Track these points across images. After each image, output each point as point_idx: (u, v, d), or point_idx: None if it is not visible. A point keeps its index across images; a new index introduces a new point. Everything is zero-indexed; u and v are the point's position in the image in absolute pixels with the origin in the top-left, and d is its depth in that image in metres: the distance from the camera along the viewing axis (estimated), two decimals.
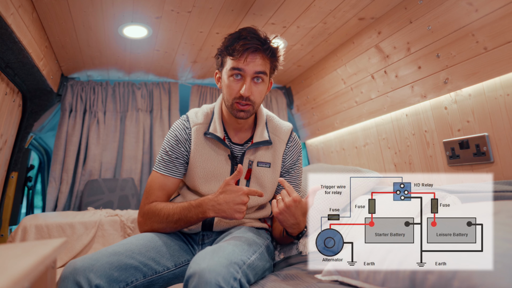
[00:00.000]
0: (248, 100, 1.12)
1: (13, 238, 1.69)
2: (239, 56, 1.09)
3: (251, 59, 1.10)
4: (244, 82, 1.12)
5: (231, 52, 1.10)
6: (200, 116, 1.26)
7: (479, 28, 1.23)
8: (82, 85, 2.44)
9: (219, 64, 1.20)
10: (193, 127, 1.22)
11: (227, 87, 1.15)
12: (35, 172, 2.81)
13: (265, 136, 1.24)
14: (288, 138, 1.30)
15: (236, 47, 1.09)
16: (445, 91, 1.43)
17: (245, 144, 1.25)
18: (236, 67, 1.11)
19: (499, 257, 0.57)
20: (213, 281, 0.76)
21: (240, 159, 1.23)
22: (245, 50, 1.08)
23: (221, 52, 1.16)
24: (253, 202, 1.23)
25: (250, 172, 1.23)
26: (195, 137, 1.21)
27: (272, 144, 1.26)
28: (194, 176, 1.21)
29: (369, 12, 1.64)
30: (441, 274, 0.61)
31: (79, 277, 0.84)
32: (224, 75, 1.17)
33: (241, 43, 1.09)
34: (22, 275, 0.43)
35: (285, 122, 1.34)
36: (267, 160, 1.25)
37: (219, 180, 1.21)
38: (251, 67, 1.11)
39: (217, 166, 1.21)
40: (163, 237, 1.13)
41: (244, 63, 1.10)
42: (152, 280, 1.00)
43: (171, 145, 1.22)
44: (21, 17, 1.32)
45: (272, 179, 1.26)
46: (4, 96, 1.56)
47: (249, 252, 0.98)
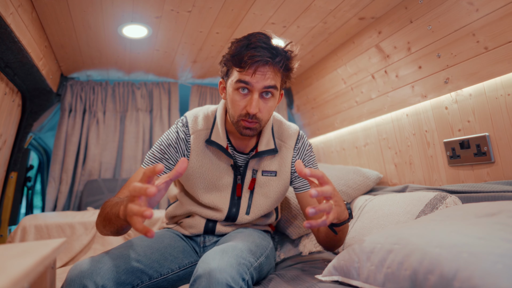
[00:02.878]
0: (254, 118, 0.99)
1: (13, 238, 1.69)
2: (247, 69, 0.95)
3: (260, 72, 0.96)
4: (252, 98, 0.98)
5: (238, 63, 0.96)
6: (201, 121, 1.14)
7: (480, 28, 1.23)
8: (82, 85, 2.44)
9: (224, 72, 1.05)
10: (193, 134, 1.12)
11: (232, 102, 1.02)
12: (35, 172, 2.81)
13: (271, 144, 1.14)
14: (295, 143, 1.19)
15: (243, 58, 0.94)
16: (445, 91, 1.42)
17: (250, 153, 1.15)
18: (243, 80, 0.97)
19: (499, 257, 0.57)
20: (223, 281, 0.76)
21: (244, 168, 1.14)
22: (254, 63, 0.94)
23: (227, 61, 1.02)
24: (257, 212, 1.17)
25: (254, 182, 1.15)
26: (195, 145, 1.11)
27: (278, 152, 1.16)
28: (194, 186, 1.13)
29: (370, 11, 1.64)
30: (442, 274, 0.61)
31: (86, 280, 0.83)
32: (229, 87, 1.03)
33: (249, 53, 0.94)
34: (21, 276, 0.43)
35: (292, 125, 1.23)
36: (272, 168, 1.16)
37: (221, 191, 1.14)
38: (260, 82, 0.96)
39: (219, 176, 1.12)
40: (166, 239, 1.12)
41: (252, 77, 0.95)
42: (157, 282, 0.99)
43: (166, 146, 1.10)
44: (20, 16, 1.32)
45: (277, 189, 1.17)
46: (3, 96, 1.56)
47: (256, 254, 0.98)
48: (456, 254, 0.62)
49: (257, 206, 1.16)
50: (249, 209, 1.16)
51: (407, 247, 0.72)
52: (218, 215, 1.16)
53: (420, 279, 0.65)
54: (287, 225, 1.48)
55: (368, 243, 0.83)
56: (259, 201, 1.17)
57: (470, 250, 0.62)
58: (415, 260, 0.68)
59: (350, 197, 1.59)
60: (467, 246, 0.63)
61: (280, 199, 1.22)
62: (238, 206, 1.16)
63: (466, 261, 0.59)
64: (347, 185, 1.59)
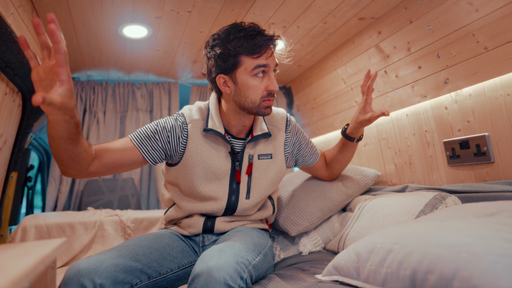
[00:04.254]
0: (272, 95, 1.10)
1: (13, 238, 1.69)
2: (263, 52, 1.05)
3: (270, 52, 1.08)
4: (270, 77, 1.08)
5: (252, 50, 1.04)
6: (195, 112, 1.18)
7: (480, 28, 1.23)
8: (82, 85, 2.44)
9: (228, 67, 1.07)
10: (190, 123, 1.14)
11: (252, 88, 1.07)
12: (35, 172, 2.81)
13: (264, 128, 1.20)
14: (285, 125, 1.28)
15: (257, 44, 1.03)
16: (445, 91, 1.43)
17: (246, 138, 1.20)
18: (262, 65, 1.06)
19: (499, 257, 0.57)
20: (221, 279, 0.77)
21: (241, 154, 1.18)
22: (266, 47, 1.05)
23: (232, 54, 1.04)
24: (257, 195, 1.20)
25: (251, 167, 1.19)
26: (192, 133, 1.13)
27: (271, 136, 1.23)
28: (193, 176, 1.13)
29: (369, 12, 1.64)
30: (441, 274, 0.61)
31: (83, 279, 0.83)
32: (242, 76, 1.07)
33: (259, 39, 1.03)
34: (22, 275, 0.43)
35: (280, 110, 1.31)
36: (268, 151, 1.22)
37: (220, 179, 1.16)
38: (273, 61, 1.09)
39: (217, 163, 1.15)
40: (165, 239, 1.12)
41: (269, 58, 1.07)
42: (156, 281, 1.00)
43: (161, 128, 1.11)
44: (20, 17, 1.32)
45: (274, 170, 1.23)
46: (4, 96, 1.56)
47: (254, 252, 0.98)
48: (455, 254, 0.62)
49: (256, 189, 1.20)
50: (248, 194, 1.19)
51: (407, 247, 0.72)
52: (218, 206, 1.16)
53: (420, 278, 0.65)
54: (286, 222, 1.48)
55: (368, 243, 0.83)
56: (258, 183, 1.20)
57: (469, 250, 0.62)
58: (415, 260, 0.68)
59: (349, 196, 1.59)
60: (467, 246, 0.63)
61: (278, 181, 1.28)
62: (237, 192, 1.18)
63: (466, 261, 0.60)
64: (345, 185, 1.59)
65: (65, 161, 0.90)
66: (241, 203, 1.18)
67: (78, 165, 0.92)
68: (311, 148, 1.37)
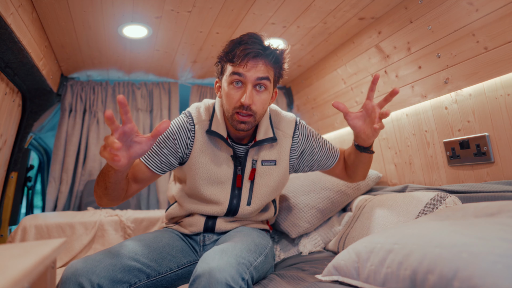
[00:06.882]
0: (249, 110, 1.03)
1: (13, 238, 1.69)
2: (239, 62, 1.00)
3: (252, 64, 1.01)
4: (245, 89, 1.02)
5: (231, 58, 1.02)
6: (203, 112, 1.17)
7: (480, 28, 1.23)
8: (82, 85, 2.44)
9: (219, 72, 1.11)
10: (197, 124, 1.14)
11: (226, 96, 1.06)
12: (35, 172, 2.81)
13: (270, 133, 1.16)
14: (293, 131, 1.21)
15: (236, 52, 1.01)
16: (445, 91, 1.43)
17: (248, 143, 1.18)
18: (236, 72, 1.02)
19: (499, 257, 0.57)
20: (223, 280, 0.77)
21: (243, 159, 1.15)
22: (246, 55, 1.00)
23: (221, 59, 1.08)
24: (258, 202, 1.18)
25: (254, 172, 1.16)
26: (199, 135, 1.13)
27: (277, 141, 1.18)
28: (196, 178, 1.13)
29: (369, 12, 1.64)
30: (442, 274, 0.61)
31: (81, 278, 0.83)
32: (224, 83, 1.08)
33: (241, 48, 1.01)
34: (21, 275, 0.43)
35: (289, 114, 1.25)
36: (272, 157, 1.18)
37: (221, 183, 1.14)
38: (253, 73, 1.01)
39: (219, 167, 1.14)
40: (165, 238, 1.12)
41: (244, 68, 1.01)
42: (155, 281, 0.99)
43: (166, 138, 1.11)
44: (20, 17, 1.32)
45: (277, 177, 1.19)
46: (3, 96, 1.56)
47: (255, 253, 0.98)
48: (456, 254, 0.62)
49: (258, 196, 1.18)
50: (250, 200, 1.17)
51: (407, 247, 0.72)
52: (219, 209, 1.16)
53: (420, 278, 0.65)
54: (287, 224, 1.48)
55: (368, 243, 0.83)
56: (260, 190, 1.18)
57: (470, 250, 0.62)
58: (415, 260, 0.68)
59: (350, 197, 1.59)
60: (467, 246, 0.63)
61: (281, 188, 1.24)
62: (239, 197, 1.17)
63: (466, 261, 0.59)
64: (346, 185, 1.59)
65: (116, 195, 0.99)
66: (242, 209, 1.17)
67: (121, 197, 1.03)
68: (327, 151, 1.27)
